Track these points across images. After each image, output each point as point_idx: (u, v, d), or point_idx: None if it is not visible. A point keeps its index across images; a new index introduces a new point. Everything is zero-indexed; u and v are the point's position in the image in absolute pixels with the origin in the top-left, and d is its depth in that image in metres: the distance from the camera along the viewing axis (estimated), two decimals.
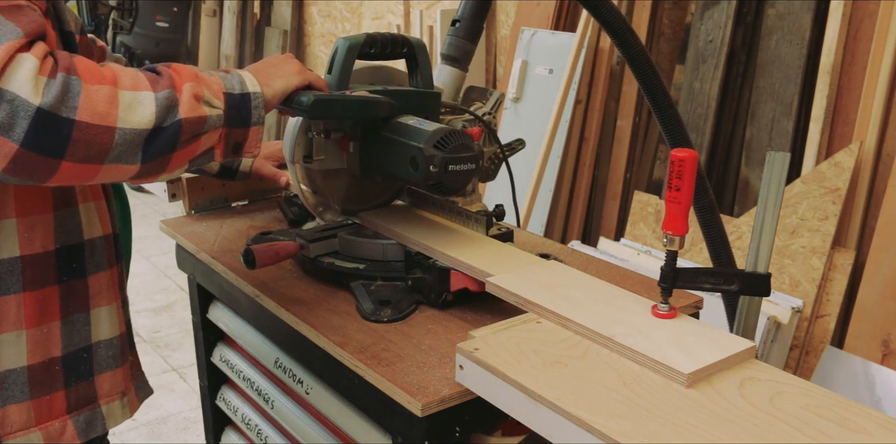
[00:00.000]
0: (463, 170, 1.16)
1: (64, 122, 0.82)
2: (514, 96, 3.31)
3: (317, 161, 1.28)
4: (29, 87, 0.80)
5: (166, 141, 0.90)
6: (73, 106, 0.82)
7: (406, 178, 1.19)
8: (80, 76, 0.84)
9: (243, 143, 1.00)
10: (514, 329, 1.04)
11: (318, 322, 1.20)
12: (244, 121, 0.98)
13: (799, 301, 2.40)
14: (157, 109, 0.88)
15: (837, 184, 2.37)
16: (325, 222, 1.39)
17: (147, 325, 3.47)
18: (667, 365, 0.92)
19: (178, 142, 0.91)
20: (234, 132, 0.98)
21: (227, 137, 0.98)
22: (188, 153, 0.94)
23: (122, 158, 0.87)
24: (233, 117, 0.97)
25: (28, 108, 0.80)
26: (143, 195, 5.18)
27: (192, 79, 0.93)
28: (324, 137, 1.26)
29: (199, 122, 0.92)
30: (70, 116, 0.82)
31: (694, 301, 1.29)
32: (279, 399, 1.43)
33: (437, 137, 1.14)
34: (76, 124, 0.82)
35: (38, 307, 1.00)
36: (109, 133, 0.85)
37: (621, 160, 3.15)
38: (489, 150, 1.41)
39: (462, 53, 1.38)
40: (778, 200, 1.08)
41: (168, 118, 0.89)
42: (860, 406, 0.86)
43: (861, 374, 2.25)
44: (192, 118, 0.91)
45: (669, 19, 3.07)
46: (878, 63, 2.34)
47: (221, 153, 0.98)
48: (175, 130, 0.90)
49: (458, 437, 1.06)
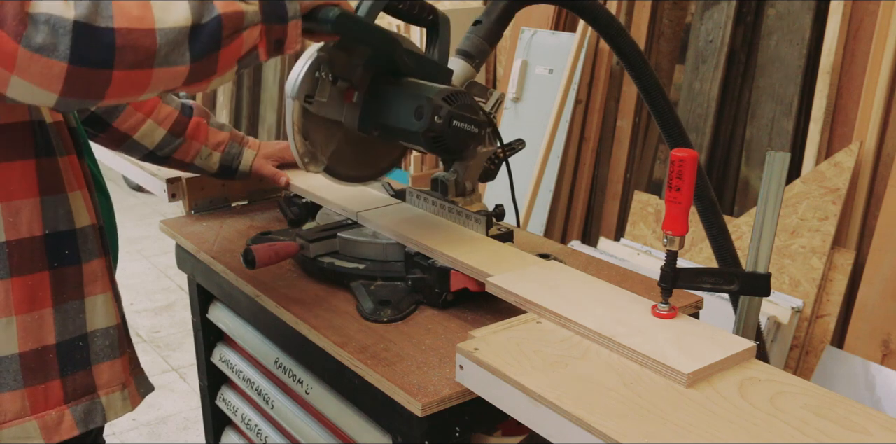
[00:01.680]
0: (465, 129, 1.16)
1: (103, 31, 0.81)
2: (514, 96, 3.31)
3: (317, 103, 1.25)
4: (59, 4, 0.80)
5: (210, 37, 0.90)
6: (108, 15, 0.82)
7: (406, 129, 1.18)
8: None
9: (284, 39, 0.99)
10: (514, 329, 1.04)
11: (318, 322, 1.20)
12: (281, 16, 0.98)
13: (799, 301, 2.40)
14: (191, 7, 0.88)
15: (837, 184, 2.38)
16: (308, 171, 1.35)
17: (147, 325, 3.47)
18: (667, 365, 0.92)
19: (221, 38, 0.91)
20: (273, 28, 0.97)
21: (268, 33, 0.97)
22: (234, 51, 0.94)
23: (170, 59, 0.87)
24: (269, 13, 0.96)
25: (65, 23, 0.80)
26: (143, 195, 5.17)
27: None
28: (330, 81, 1.24)
29: (238, 16, 0.92)
30: (108, 24, 0.82)
31: (694, 301, 1.29)
32: (279, 399, 1.43)
33: (446, 92, 1.16)
34: (116, 32, 0.82)
35: (28, 293, 1.00)
36: (150, 35, 0.85)
37: (621, 160, 3.16)
38: (489, 149, 1.41)
39: (477, 51, 1.38)
40: (778, 200, 1.08)
41: (205, 14, 0.89)
42: (860, 406, 0.86)
43: (861, 374, 2.25)
44: (230, 13, 0.91)
45: (669, 19, 3.08)
46: (878, 63, 2.34)
47: (265, 51, 0.98)
48: (216, 26, 0.90)
49: (458, 437, 1.06)
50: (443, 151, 1.18)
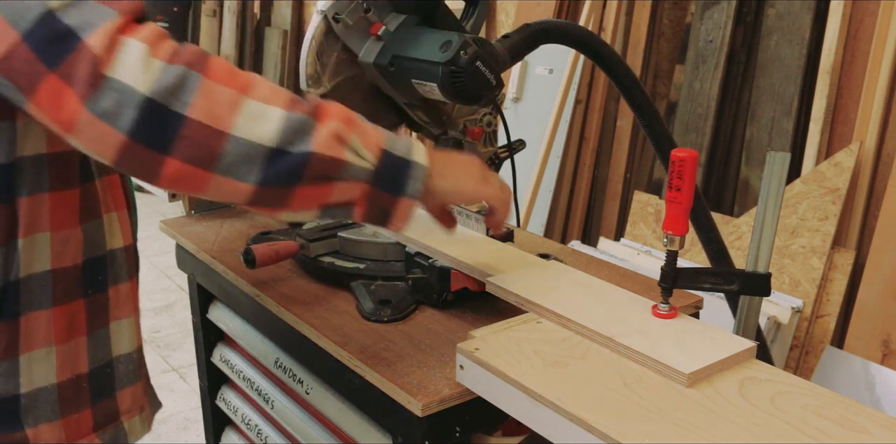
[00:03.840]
0: (485, 74, 1.14)
1: (173, 115, 0.77)
2: (514, 96, 3.31)
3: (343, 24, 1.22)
4: (137, 73, 0.75)
5: (289, 168, 0.82)
6: (186, 101, 0.77)
7: (428, 59, 1.16)
8: (205, 73, 0.79)
9: (390, 212, 0.90)
10: (514, 329, 1.04)
11: (318, 322, 1.20)
12: (396, 188, 0.89)
13: (799, 301, 2.40)
14: (283, 129, 0.81)
15: (837, 184, 2.38)
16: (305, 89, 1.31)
17: (147, 325, 3.47)
18: (667, 365, 0.92)
19: (302, 175, 0.82)
20: (381, 196, 0.89)
21: (373, 198, 0.88)
22: (317, 195, 0.85)
23: (234, 171, 0.80)
24: (384, 179, 0.88)
25: (135, 96, 0.75)
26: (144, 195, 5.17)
27: (343, 120, 0.86)
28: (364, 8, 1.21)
29: (334, 164, 0.84)
30: (180, 110, 0.77)
31: (694, 301, 1.29)
32: (279, 399, 1.43)
33: (475, 38, 1.15)
34: (186, 120, 0.77)
35: (67, 322, 0.96)
36: (220, 138, 0.79)
37: (621, 160, 3.15)
38: (489, 149, 1.41)
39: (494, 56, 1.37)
40: (778, 200, 1.08)
41: (296, 144, 0.81)
42: (861, 406, 0.86)
43: (861, 374, 2.25)
44: (325, 157, 0.83)
45: (669, 19, 3.07)
46: (878, 63, 2.34)
47: (363, 215, 0.90)
48: (300, 161, 0.82)
49: (458, 437, 1.05)
50: (456, 90, 1.15)
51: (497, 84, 1.19)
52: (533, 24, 1.33)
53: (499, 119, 1.39)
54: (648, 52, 3.08)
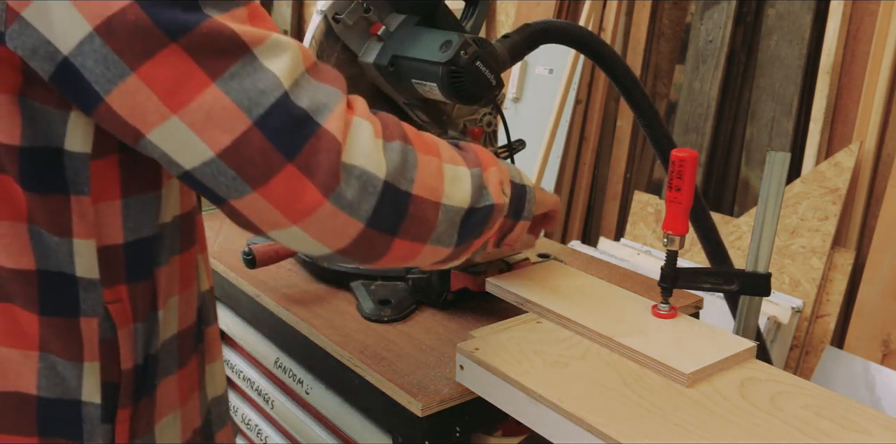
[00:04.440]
0: (485, 74, 1.14)
1: (403, 195, 0.74)
2: (514, 96, 3.31)
3: (343, 24, 1.22)
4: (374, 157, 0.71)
5: (476, 223, 0.82)
6: (411, 178, 0.74)
7: (428, 59, 1.16)
8: (415, 145, 0.76)
9: (508, 234, 0.93)
10: (514, 329, 1.04)
11: (318, 322, 1.20)
12: (518, 213, 0.92)
13: (799, 301, 2.40)
14: (472, 188, 0.81)
15: (837, 184, 2.37)
16: None
17: None
18: (667, 365, 0.92)
19: (484, 228, 0.83)
20: (507, 222, 0.91)
21: (503, 226, 0.90)
22: (481, 241, 0.86)
23: (442, 238, 0.80)
24: (512, 208, 0.91)
25: (376, 182, 0.71)
26: None
27: (494, 163, 0.87)
28: (363, 7, 1.21)
29: (501, 209, 0.86)
30: (408, 189, 0.74)
31: (694, 301, 1.29)
32: (279, 399, 1.43)
33: (476, 38, 1.15)
34: (412, 199, 0.75)
35: (188, 383, 0.91)
36: (435, 209, 0.77)
37: (621, 160, 3.15)
38: (490, 149, 1.40)
39: (494, 56, 1.37)
40: (778, 200, 1.08)
41: (481, 200, 0.82)
42: (861, 406, 0.86)
43: (861, 374, 2.25)
44: (500, 204, 0.85)
45: (669, 19, 3.07)
46: (878, 63, 2.34)
47: (492, 243, 0.91)
48: (486, 214, 0.83)
49: (458, 437, 1.05)
50: (456, 90, 1.15)
51: (497, 84, 1.19)
52: (533, 24, 1.33)
53: (499, 119, 1.39)
54: (648, 52, 3.08)
